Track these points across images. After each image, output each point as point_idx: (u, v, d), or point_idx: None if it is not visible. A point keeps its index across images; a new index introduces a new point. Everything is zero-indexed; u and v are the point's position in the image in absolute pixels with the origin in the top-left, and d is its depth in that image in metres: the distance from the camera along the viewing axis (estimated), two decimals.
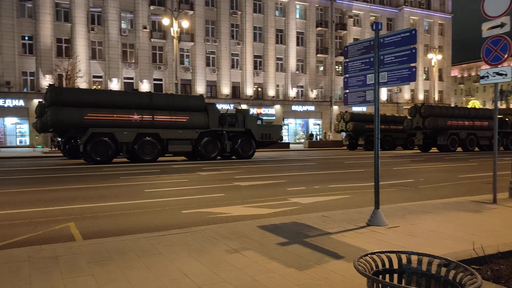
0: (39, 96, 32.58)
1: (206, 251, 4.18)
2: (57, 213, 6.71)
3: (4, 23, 34.57)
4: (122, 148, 18.38)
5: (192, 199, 8.25)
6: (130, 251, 4.16)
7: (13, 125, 36.12)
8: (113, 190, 9.67)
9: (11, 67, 35.02)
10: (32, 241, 4.95)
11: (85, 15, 37.58)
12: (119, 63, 38.95)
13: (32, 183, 11.23)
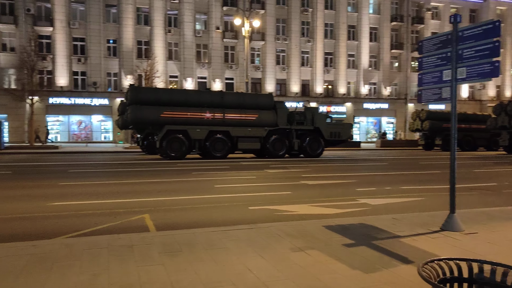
0: (121, 95, 34.94)
1: (270, 248, 4.23)
2: (134, 205, 7.17)
3: (92, 28, 37.57)
4: (195, 145, 19.13)
5: (259, 196, 8.36)
6: (198, 244, 4.33)
7: (99, 122, 39.15)
8: (185, 185, 10.11)
9: (98, 69, 37.99)
10: (111, 230, 5.35)
11: (163, 18, 39.58)
12: (193, 63, 40.52)
13: (114, 176, 12.11)
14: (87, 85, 37.86)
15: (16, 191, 8.97)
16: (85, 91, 37.75)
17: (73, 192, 8.71)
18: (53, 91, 36.25)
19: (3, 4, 35.66)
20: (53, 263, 3.66)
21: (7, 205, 7.20)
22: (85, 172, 13.35)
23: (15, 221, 5.96)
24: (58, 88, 36.72)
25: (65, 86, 37.03)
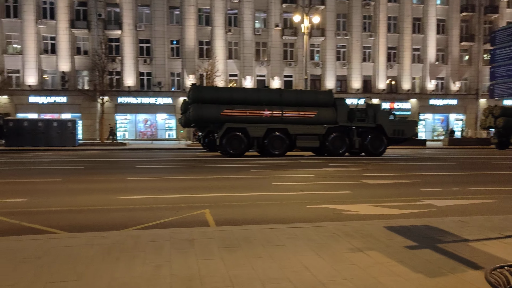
0: (184, 95, 36.16)
1: (328, 247, 4.17)
2: (195, 200, 7.40)
3: (156, 30, 39.25)
4: (254, 143, 19.33)
5: (318, 194, 8.28)
6: (256, 240, 4.38)
7: (163, 121, 40.85)
8: (244, 182, 10.26)
9: (162, 69, 39.64)
10: (173, 224, 5.57)
11: (223, 18, 40.37)
12: (252, 61, 40.93)
13: (176, 172, 12.59)
14: (152, 85, 39.63)
15: (88, 185, 9.63)
16: (151, 91, 39.55)
17: (139, 187, 9.18)
18: (121, 91, 38.42)
19: (78, 11, 38.32)
20: (121, 253, 3.88)
21: (81, 197, 7.75)
22: (150, 168, 14.00)
23: (87, 212, 6.40)
24: (126, 88, 38.82)
25: (132, 86, 39.05)
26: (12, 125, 26.57)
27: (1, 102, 36.12)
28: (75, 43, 38.47)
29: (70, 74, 38.09)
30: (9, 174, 11.77)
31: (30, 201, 7.23)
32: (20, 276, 3.26)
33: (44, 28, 37.54)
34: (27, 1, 36.89)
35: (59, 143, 27.11)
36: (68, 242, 4.24)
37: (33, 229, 5.24)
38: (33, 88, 37.34)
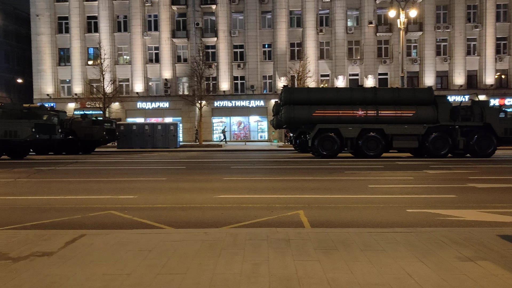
0: (275, 97, 36.71)
1: (433, 254, 3.91)
2: (289, 201, 7.46)
3: (249, 35, 40.42)
4: (347, 143, 18.88)
5: (418, 198, 7.81)
6: (353, 244, 4.27)
7: (255, 123, 41.91)
8: (338, 184, 10.08)
9: (254, 73, 40.69)
10: (269, 223, 5.68)
11: (314, 19, 40.13)
12: (345, 60, 40.06)
13: (270, 172, 12.82)
14: (246, 88, 40.87)
15: (189, 184, 10.25)
16: (244, 94, 40.83)
17: (235, 187, 9.53)
18: (217, 95, 40.28)
19: (178, 22, 41.07)
20: (221, 250, 4.07)
21: (183, 195, 8.28)
22: (244, 168, 14.45)
23: (189, 209, 6.82)
24: (221, 92, 40.58)
25: (227, 90, 40.69)
26: (123, 129, 29.37)
27: (114, 108, 40.12)
28: (176, 52, 41.25)
29: (171, 81, 40.97)
30: (121, 173, 13.02)
31: (139, 198, 7.92)
32: (135, 266, 3.59)
33: (149, 39, 40.90)
34: (135, 15, 40.53)
35: (162, 145, 29.32)
36: (174, 237, 4.56)
37: (143, 224, 5.74)
38: (140, 95, 40.88)
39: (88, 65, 40.93)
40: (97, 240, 4.42)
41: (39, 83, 41.55)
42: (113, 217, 6.25)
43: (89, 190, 9.12)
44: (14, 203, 7.54)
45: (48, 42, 41.18)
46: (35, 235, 4.67)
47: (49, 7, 40.97)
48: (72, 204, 7.36)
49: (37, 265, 3.61)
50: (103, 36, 40.55)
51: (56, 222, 5.86)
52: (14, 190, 9.22)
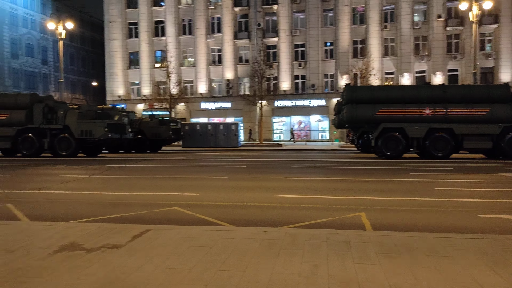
0: (337, 96, 36.06)
1: (508, 264, 3.63)
2: (350, 202, 7.30)
3: (311, 33, 40.08)
4: (413, 144, 18.07)
5: (492, 202, 7.29)
6: (417, 249, 4.09)
7: (316, 122, 41.47)
8: (402, 185, 9.68)
9: (316, 71, 40.28)
10: (329, 225, 5.60)
11: (379, 15, 38.87)
12: (410, 57, 38.39)
13: (330, 173, 12.63)
14: (306, 87, 40.58)
15: (249, 182, 10.39)
16: (305, 93, 40.56)
17: (295, 186, 9.50)
18: (277, 95, 40.42)
19: (240, 23, 41.76)
20: (280, 249, 4.08)
21: (244, 194, 8.42)
22: (304, 168, 14.37)
23: (249, 208, 6.92)
24: (282, 92, 40.65)
25: (288, 89, 40.67)
26: (188, 129, 30.45)
27: (179, 109, 41.73)
28: (238, 53, 41.97)
29: (233, 81, 41.77)
30: (186, 171, 13.51)
31: (202, 196, 8.17)
32: (197, 261, 3.71)
33: (212, 41, 42.01)
34: (199, 19, 41.83)
35: (224, 144, 29.99)
36: (234, 235, 4.65)
37: (204, 221, 5.92)
38: (204, 95, 42.14)
39: (155, 68, 42.93)
40: (162, 235, 4.63)
41: (111, 86, 44.30)
42: (177, 213, 6.51)
43: (155, 187, 9.57)
44: (89, 198, 8.11)
45: (120, 47, 43.76)
46: (106, 228, 5.00)
47: (120, 13, 43.53)
48: (140, 200, 7.77)
49: (108, 256, 3.86)
50: (169, 39, 42.30)
51: (125, 217, 6.22)
52: (88, 186, 9.92)
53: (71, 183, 10.27)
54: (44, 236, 4.60)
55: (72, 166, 15.11)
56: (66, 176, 11.90)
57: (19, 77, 47.67)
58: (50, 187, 9.58)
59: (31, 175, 12.50)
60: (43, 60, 51.15)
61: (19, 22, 47.43)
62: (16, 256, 3.87)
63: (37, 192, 8.81)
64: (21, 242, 4.34)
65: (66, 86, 50.05)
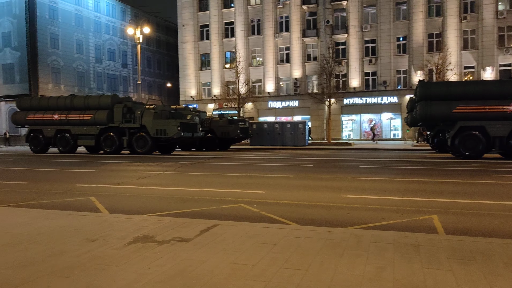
0: (410, 92, 34.45)
1: None
2: (422, 204, 6.96)
3: (382, 28, 38.68)
4: (494, 143, 16.73)
5: None
6: (495, 256, 3.80)
7: (388, 120, 39.94)
8: (482, 188, 9.02)
9: (387, 68, 38.80)
10: (397, 227, 5.39)
11: (457, 5, 36.47)
12: (493, 50, 35.53)
13: (401, 173, 12.11)
14: (377, 84, 39.26)
15: (315, 182, 10.31)
16: (375, 90, 39.27)
17: (362, 187, 9.26)
18: (347, 92, 39.54)
19: (308, 21, 41.46)
20: (344, 250, 4.02)
21: (309, 193, 8.37)
22: (374, 168, 13.92)
23: (314, 207, 6.87)
24: (351, 89, 39.70)
25: (357, 87, 39.63)
26: (255, 127, 30.90)
27: (247, 108, 42.46)
28: (306, 51, 41.72)
29: (301, 80, 41.60)
30: (252, 169, 13.74)
31: (267, 193, 8.26)
32: (260, 258, 3.78)
33: (280, 40, 42.19)
34: (268, 18, 42.21)
35: (291, 143, 30.00)
36: (297, 234, 4.66)
37: (269, 218, 5.99)
38: (271, 94, 42.46)
39: (225, 68, 44.09)
40: (228, 231, 4.77)
41: (184, 86, 46.28)
42: (243, 210, 6.66)
43: (223, 183, 9.86)
44: (162, 193, 8.57)
45: (192, 49, 45.55)
46: (176, 222, 5.26)
47: (192, 17, 45.27)
48: (209, 196, 8.05)
49: (177, 249, 4.07)
50: (239, 40, 43.18)
51: (194, 212, 6.49)
52: (162, 181, 10.48)
53: (146, 179, 10.92)
54: (121, 228, 4.95)
55: (148, 163, 16.05)
56: (142, 172, 12.68)
57: (102, 79, 51.57)
58: (128, 182, 10.27)
59: (111, 171, 13.48)
60: (123, 64, 54.83)
61: (102, 29, 51.29)
62: (96, 245, 4.22)
63: (116, 186, 9.48)
64: (101, 233, 4.72)
65: (143, 87, 53.20)
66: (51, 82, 44.67)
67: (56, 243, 4.29)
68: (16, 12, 43.01)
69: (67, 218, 5.56)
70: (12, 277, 3.29)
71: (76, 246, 4.18)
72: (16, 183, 10.24)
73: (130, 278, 3.26)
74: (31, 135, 24.49)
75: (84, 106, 23.04)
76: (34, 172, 13.37)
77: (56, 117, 23.42)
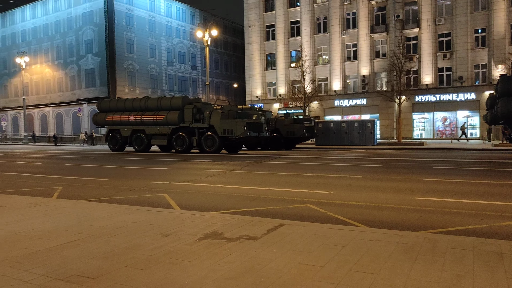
0: (490, 88, 32.03)
1: None
2: (505, 209, 6.43)
3: (458, 21, 36.32)
4: None
5: None
6: None
7: (464, 118, 37.40)
8: None
9: (464, 62, 36.35)
10: (476, 233, 5.04)
11: None
12: None
13: (480, 175, 11.28)
14: (452, 80, 36.95)
15: (385, 183, 9.94)
16: (450, 87, 37.00)
17: (437, 189, 8.76)
18: (418, 89, 37.66)
19: (377, 16, 40.10)
20: (417, 255, 3.83)
21: (378, 194, 8.10)
22: (449, 169, 13.12)
23: (384, 209, 6.63)
24: (423, 86, 37.74)
25: (430, 83, 37.59)
26: (321, 127, 30.51)
27: (313, 107, 42.07)
28: (374, 47, 40.40)
29: (369, 77, 40.35)
30: (318, 169, 13.59)
31: (334, 194, 8.12)
32: (328, 259, 3.72)
33: (347, 37, 41.27)
34: (334, 15, 41.50)
35: (359, 142, 29.22)
36: (367, 236, 4.52)
37: (337, 219, 5.88)
38: (338, 93, 41.68)
39: (290, 68, 44.04)
40: (295, 231, 4.76)
41: (250, 87, 46.95)
42: (310, 210, 6.61)
43: (289, 183, 9.85)
44: (229, 191, 8.77)
45: (258, 49, 46.07)
46: (244, 220, 5.35)
47: (258, 17, 45.78)
48: (275, 195, 8.09)
49: (245, 246, 4.14)
50: (304, 38, 42.91)
51: (261, 211, 6.56)
52: (229, 180, 10.72)
53: (215, 177, 11.24)
54: (192, 224, 5.15)
55: (216, 162, 16.52)
56: (210, 170, 13.08)
57: (173, 82, 53.98)
58: (197, 180, 10.65)
59: (182, 169, 14.06)
60: (192, 66, 56.94)
61: (173, 33, 53.67)
62: (169, 240, 4.43)
63: (187, 184, 9.87)
64: (173, 228, 4.94)
65: (211, 88, 54.82)
66: (127, 85, 47.61)
67: (133, 237, 4.56)
68: (97, 21, 46.40)
69: (143, 213, 5.89)
70: (96, 267, 3.55)
71: (151, 240, 4.42)
72: (97, 180, 11.05)
73: (201, 273, 3.37)
74: (110, 135, 26.31)
75: (157, 107, 24.26)
76: (112, 169, 14.34)
77: (132, 118, 24.91)
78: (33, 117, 54.08)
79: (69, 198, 7.69)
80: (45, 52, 52.20)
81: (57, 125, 51.73)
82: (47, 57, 52.06)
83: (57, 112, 51.79)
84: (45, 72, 52.30)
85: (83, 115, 47.93)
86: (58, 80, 51.20)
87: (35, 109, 53.47)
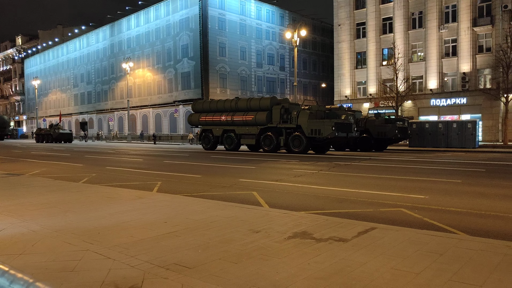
0: None
1: None
2: None
3: None
4: None
5: None
6: None
7: None
8: None
9: None
10: None
11: None
12: None
13: None
14: None
15: (489, 189, 9.09)
16: None
17: None
18: None
19: (481, 8, 36.76)
20: None
21: (481, 201, 7.44)
22: None
23: (488, 218, 6.08)
24: None
25: None
26: (415, 127, 28.83)
27: (406, 107, 39.93)
28: (477, 42, 37.11)
29: (470, 74, 37.17)
30: (412, 172, 12.88)
31: (430, 199, 7.64)
32: (424, 267, 3.53)
33: (445, 32, 38.45)
34: (431, 9, 38.95)
35: (458, 144, 27.08)
36: (468, 245, 4.20)
37: (433, 225, 5.53)
38: (434, 91, 39.03)
39: (382, 66, 42.30)
40: (387, 235, 4.58)
41: (339, 86, 46.06)
42: (403, 214, 6.31)
43: (380, 186, 9.49)
44: (317, 191, 8.72)
45: (347, 48, 45.01)
46: (333, 221, 5.29)
47: (348, 16, 44.72)
48: (364, 198, 7.86)
49: (335, 248, 4.09)
50: (397, 35, 40.92)
51: (351, 213, 6.42)
52: (317, 181, 10.65)
53: (302, 177, 11.24)
54: (281, 222, 5.23)
55: (303, 162, 16.51)
56: (297, 170, 13.12)
57: (262, 83, 55.04)
58: (285, 179, 10.75)
59: (270, 168, 14.30)
60: (280, 67, 57.51)
61: (262, 35, 54.74)
62: (259, 236, 4.55)
63: (275, 183, 10.02)
64: (263, 225, 5.06)
65: (299, 88, 54.82)
66: (218, 87, 49.68)
67: (225, 231, 4.77)
68: (192, 26, 49.12)
69: (234, 209, 6.12)
70: (193, 258, 3.79)
71: (242, 235, 4.58)
72: (192, 176, 11.72)
73: (291, 271, 3.42)
74: (203, 134, 27.74)
75: (247, 108, 24.96)
76: (205, 167, 15.09)
77: (223, 118, 25.96)
78: (136, 117, 58.94)
79: (167, 193, 8.28)
80: (147, 58, 56.58)
81: (156, 125, 55.78)
82: (148, 62, 56.37)
83: (156, 112, 55.82)
84: (146, 76, 56.69)
85: (179, 116, 51.07)
86: (157, 83, 55.19)
87: (137, 110, 58.22)
